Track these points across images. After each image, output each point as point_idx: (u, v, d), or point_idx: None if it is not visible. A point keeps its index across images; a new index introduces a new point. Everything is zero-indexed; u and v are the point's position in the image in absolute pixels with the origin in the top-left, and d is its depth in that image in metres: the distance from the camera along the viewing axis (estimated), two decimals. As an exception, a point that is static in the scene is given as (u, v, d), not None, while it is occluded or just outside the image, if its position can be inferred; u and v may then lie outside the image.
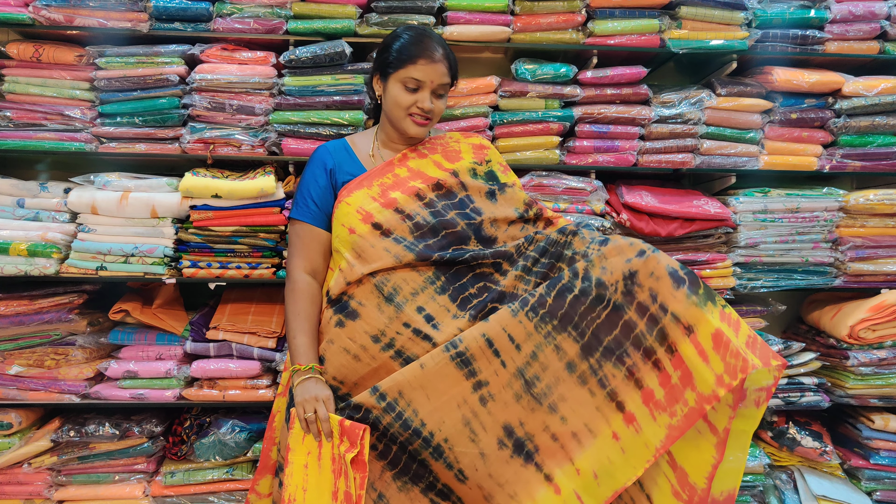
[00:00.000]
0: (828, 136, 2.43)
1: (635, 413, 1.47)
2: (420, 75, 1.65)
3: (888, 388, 2.38)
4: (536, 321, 1.54)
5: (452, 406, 1.53)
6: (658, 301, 1.46)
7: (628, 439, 1.47)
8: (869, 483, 2.43)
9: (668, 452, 1.48)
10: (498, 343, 1.53)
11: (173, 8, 2.21)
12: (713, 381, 1.38)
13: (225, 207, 2.20)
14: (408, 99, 1.67)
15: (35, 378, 2.25)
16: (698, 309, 1.42)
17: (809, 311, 2.65)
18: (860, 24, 2.37)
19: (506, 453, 1.53)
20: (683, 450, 1.47)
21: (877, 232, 2.41)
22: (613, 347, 1.50)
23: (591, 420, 1.51)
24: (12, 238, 2.17)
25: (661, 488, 1.50)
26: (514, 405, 1.53)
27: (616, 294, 1.51)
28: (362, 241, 1.61)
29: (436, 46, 1.66)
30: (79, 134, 2.25)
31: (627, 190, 2.37)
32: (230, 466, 2.32)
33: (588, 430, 1.51)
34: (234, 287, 2.50)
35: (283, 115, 2.26)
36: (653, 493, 1.51)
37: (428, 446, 1.53)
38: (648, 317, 1.47)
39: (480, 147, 1.83)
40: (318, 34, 2.27)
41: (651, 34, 2.33)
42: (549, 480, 1.52)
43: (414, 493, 1.59)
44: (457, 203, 1.68)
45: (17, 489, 2.27)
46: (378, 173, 1.71)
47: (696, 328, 1.42)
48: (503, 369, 1.53)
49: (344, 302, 1.62)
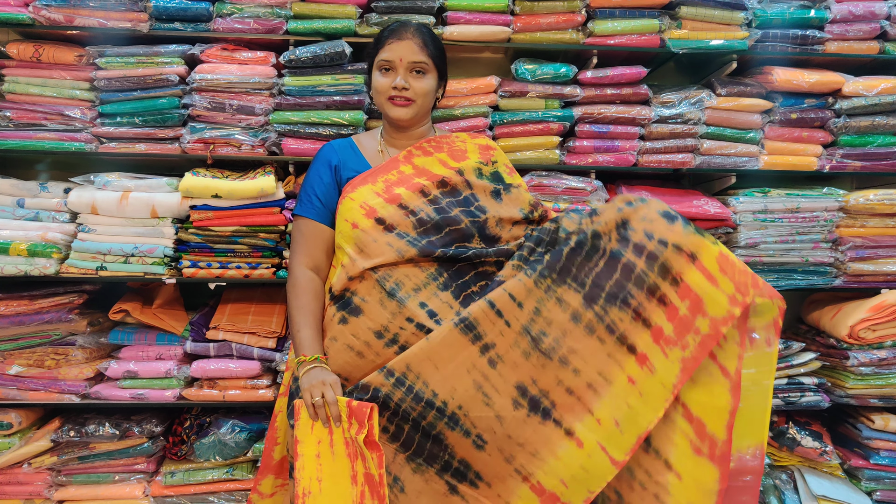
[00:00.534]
0: (828, 136, 2.43)
1: (647, 353, 1.47)
2: (389, 55, 1.67)
3: (888, 388, 2.38)
4: (535, 277, 1.53)
5: (462, 372, 1.52)
6: (655, 238, 1.47)
7: (644, 381, 1.46)
8: (869, 483, 2.43)
9: (682, 405, 1.47)
10: (500, 304, 1.52)
11: (173, 8, 2.21)
12: (726, 302, 1.40)
13: (225, 207, 2.20)
14: (384, 82, 1.68)
15: (35, 378, 2.25)
16: (698, 236, 1.45)
17: (809, 311, 2.65)
18: (860, 24, 2.36)
19: (522, 413, 1.52)
20: (697, 398, 1.46)
21: (877, 232, 2.41)
22: (616, 292, 1.49)
23: (605, 368, 1.50)
24: (12, 238, 2.17)
25: (679, 446, 1.47)
26: (525, 364, 1.52)
27: (611, 242, 1.52)
28: (365, 236, 1.61)
29: (407, 27, 1.69)
30: (79, 134, 2.25)
31: (627, 190, 2.37)
32: (230, 466, 2.32)
33: (603, 378, 1.49)
34: (234, 287, 2.50)
35: (283, 115, 2.26)
36: (671, 455, 1.48)
37: (442, 416, 1.52)
38: (647, 255, 1.47)
39: (487, 148, 1.83)
40: (318, 34, 2.27)
41: (651, 34, 2.33)
42: (571, 435, 1.50)
43: (429, 474, 1.57)
44: (461, 201, 1.68)
45: (17, 489, 2.27)
46: (383, 170, 1.71)
47: (700, 254, 1.44)
48: (508, 329, 1.52)
49: (347, 298, 1.62)
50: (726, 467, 1.43)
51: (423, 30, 1.71)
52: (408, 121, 1.75)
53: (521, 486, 1.54)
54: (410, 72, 1.68)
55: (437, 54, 1.72)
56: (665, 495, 1.47)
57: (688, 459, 1.46)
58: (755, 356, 1.48)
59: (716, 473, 1.43)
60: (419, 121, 1.79)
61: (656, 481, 1.48)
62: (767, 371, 1.48)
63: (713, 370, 1.44)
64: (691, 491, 1.46)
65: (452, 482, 1.57)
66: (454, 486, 1.57)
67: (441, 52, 1.74)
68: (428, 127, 1.84)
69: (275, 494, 1.87)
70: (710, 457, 1.43)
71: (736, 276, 1.41)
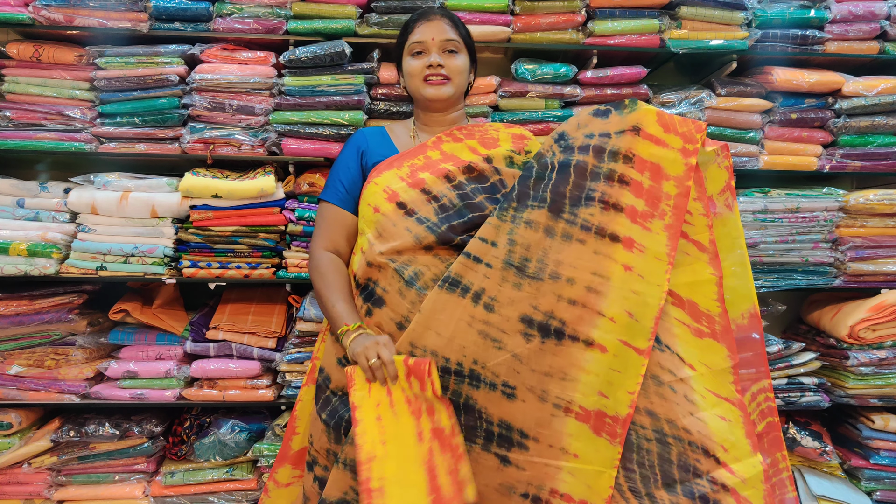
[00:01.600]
0: (828, 136, 2.43)
1: (631, 235, 1.49)
2: (420, 36, 1.68)
3: (888, 388, 2.38)
4: (497, 213, 1.54)
5: (464, 328, 1.49)
6: (596, 134, 1.52)
7: (639, 263, 1.47)
8: (869, 483, 2.43)
9: (671, 295, 1.49)
10: (475, 250, 1.52)
11: (173, 8, 2.21)
12: (680, 158, 1.47)
13: (225, 207, 2.20)
14: (418, 65, 1.68)
15: (35, 378, 2.25)
16: (634, 112, 1.51)
17: (809, 311, 2.65)
18: (860, 24, 2.36)
19: (536, 342, 1.48)
20: (682, 281, 1.50)
21: (877, 232, 2.41)
22: (577, 193, 1.52)
23: (597, 267, 1.49)
24: (12, 238, 2.17)
25: (680, 336, 1.47)
26: (519, 295, 1.49)
27: (556, 155, 1.55)
28: (385, 220, 1.60)
29: (433, 10, 1.71)
30: (79, 134, 2.25)
31: (627, 190, 2.37)
32: (230, 466, 2.32)
33: (599, 277, 1.48)
34: (234, 287, 2.50)
35: (283, 115, 2.26)
36: (677, 347, 1.47)
37: (462, 378, 1.49)
38: (593, 150, 1.52)
39: (521, 137, 1.80)
40: (318, 34, 2.27)
41: (651, 34, 2.33)
42: (591, 344, 1.47)
43: (475, 452, 1.50)
44: (488, 187, 1.65)
45: (17, 489, 2.27)
46: (410, 155, 1.70)
47: (642, 123, 1.51)
48: (490, 269, 1.51)
49: (371, 289, 1.61)
50: (731, 341, 1.43)
51: (451, 12, 1.74)
52: (444, 101, 1.73)
53: (566, 421, 1.47)
54: (443, 51, 1.68)
55: (466, 34, 1.73)
56: (693, 394, 1.47)
57: (693, 347, 1.46)
58: (722, 221, 1.54)
59: (723, 350, 1.44)
60: (454, 103, 1.77)
61: (681, 379, 1.48)
62: (738, 231, 1.53)
63: (689, 248, 1.48)
64: (707, 378, 1.46)
65: (501, 452, 1.50)
66: (504, 457, 1.50)
67: (469, 35, 1.75)
68: (461, 114, 1.83)
69: (291, 485, 1.86)
70: (712, 335, 1.44)
71: (679, 128, 1.48)
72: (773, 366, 2.38)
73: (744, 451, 1.48)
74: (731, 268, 1.54)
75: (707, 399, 1.49)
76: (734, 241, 1.55)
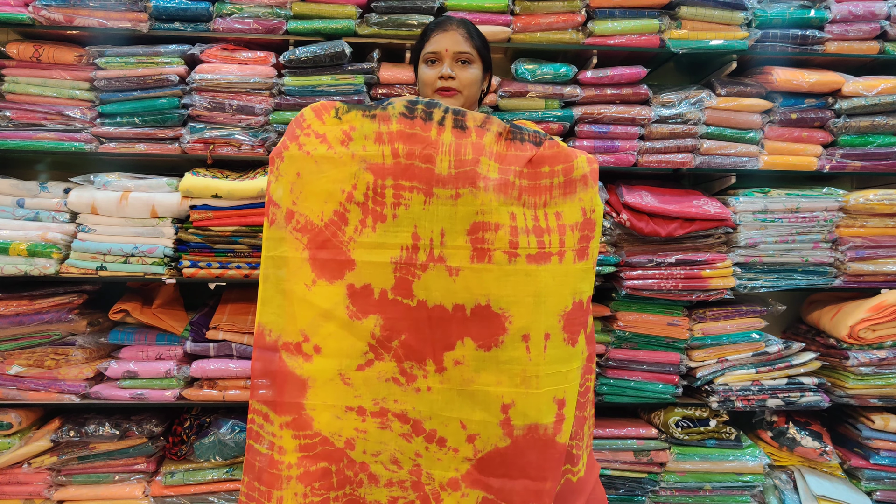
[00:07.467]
0: (828, 136, 2.43)
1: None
2: (435, 47, 1.68)
3: (888, 388, 2.38)
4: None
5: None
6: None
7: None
8: (869, 483, 2.43)
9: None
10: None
11: (173, 8, 2.21)
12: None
13: (225, 207, 2.20)
14: (430, 74, 1.69)
15: (35, 378, 2.25)
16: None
17: (809, 311, 2.65)
18: (860, 24, 2.37)
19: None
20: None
21: (877, 232, 2.41)
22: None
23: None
24: (12, 238, 2.17)
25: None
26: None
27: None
28: None
29: (450, 19, 1.71)
30: (79, 134, 2.25)
31: (627, 190, 2.37)
32: (230, 466, 2.32)
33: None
34: (234, 287, 2.50)
35: (283, 115, 2.26)
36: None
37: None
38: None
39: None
40: (318, 34, 2.27)
41: (651, 34, 2.33)
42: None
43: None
44: None
45: (17, 489, 2.27)
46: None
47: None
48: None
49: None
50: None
51: (468, 22, 1.74)
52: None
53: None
54: (456, 62, 1.69)
55: (481, 45, 1.73)
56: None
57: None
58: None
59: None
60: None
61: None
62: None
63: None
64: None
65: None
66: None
67: (485, 44, 1.76)
68: None
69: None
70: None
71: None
72: (774, 366, 2.39)
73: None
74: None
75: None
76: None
